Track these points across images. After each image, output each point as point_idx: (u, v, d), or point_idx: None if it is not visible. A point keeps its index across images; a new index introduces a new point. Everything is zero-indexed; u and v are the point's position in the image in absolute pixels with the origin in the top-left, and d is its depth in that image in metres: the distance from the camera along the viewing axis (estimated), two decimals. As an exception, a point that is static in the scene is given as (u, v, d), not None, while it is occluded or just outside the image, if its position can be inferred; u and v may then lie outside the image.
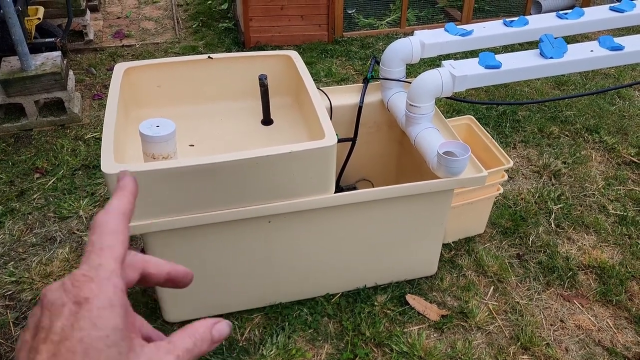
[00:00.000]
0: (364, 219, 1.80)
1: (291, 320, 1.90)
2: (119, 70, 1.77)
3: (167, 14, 4.41)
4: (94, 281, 0.35)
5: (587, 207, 2.44)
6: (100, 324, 0.33)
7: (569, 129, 2.97)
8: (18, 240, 2.24)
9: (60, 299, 0.34)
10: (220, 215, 1.55)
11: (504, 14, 4.15)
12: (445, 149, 1.69)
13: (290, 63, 1.90)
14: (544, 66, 1.84)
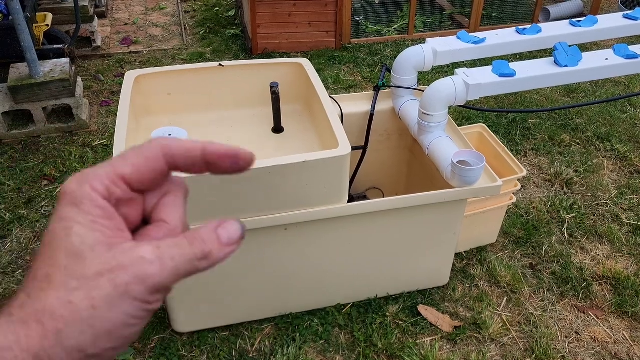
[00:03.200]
0: (377, 229, 1.78)
1: (302, 331, 1.87)
2: (129, 78, 1.76)
3: (175, 20, 4.41)
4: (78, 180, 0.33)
5: (600, 216, 2.41)
6: (67, 216, 0.32)
7: (580, 137, 2.95)
8: (26, 249, 2.22)
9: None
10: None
11: (512, 21, 4.13)
12: (460, 158, 1.66)
13: (301, 70, 1.89)
14: (558, 74, 1.82)
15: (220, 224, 0.35)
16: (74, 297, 0.30)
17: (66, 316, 0.30)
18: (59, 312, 0.30)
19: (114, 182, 0.33)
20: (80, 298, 0.30)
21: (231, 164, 0.36)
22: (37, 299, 0.30)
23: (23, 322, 0.30)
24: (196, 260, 0.34)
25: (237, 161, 0.36)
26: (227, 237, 0.35)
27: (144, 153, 0.35)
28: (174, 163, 0.35)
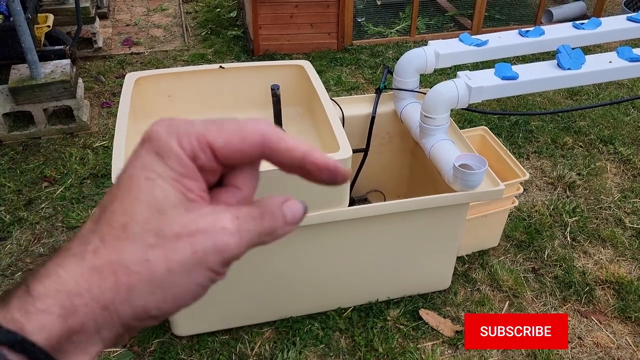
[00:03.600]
0: (378, 232, 1.77)
1: (302, 334, 1.86)
2: (129, 80, 1.75)
3: (176, 21, 4.41)
4: (167, 126, 0.32)
5: (603, 220, 2.40)
6: (150, 165, 0.31)
7: (583, 139, 2.93)
8: (26, 251, 2.21)
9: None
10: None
11: (515, 23, 4.12)
12: (462, 162, 1.65)
13: (302, 73, 1.87)
14: (561, 77, 1.80)
15: (286, 201, 0.34)
16: (152, 256, 0.29)
17: (141, 274, 0.29)
18: (134, 268, 0.29)
19: (202, 148, 0.32)
20: (157, 257, 0.29)
21: (329, 176, 0.34)
22: (112, 248, 0.29)
23: (97, 270, 0.29)
24: (263, 235, 0.33)
25: (335, 176, 0.34)
26: (291, 215, 0.34)
27: (244, 133, 0.32)
28: (268, 155, 0.33)
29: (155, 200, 0.30)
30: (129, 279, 0.29)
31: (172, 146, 0.31)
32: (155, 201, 0.30)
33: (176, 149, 0.31)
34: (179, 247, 0.30)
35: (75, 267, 0.29)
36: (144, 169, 0.31)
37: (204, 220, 0.31)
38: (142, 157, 0.31)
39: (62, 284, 0.28)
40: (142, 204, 0.30)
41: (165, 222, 0.30)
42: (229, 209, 0.32)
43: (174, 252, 0.30)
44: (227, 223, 0.31)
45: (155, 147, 0.31)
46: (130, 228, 0.30)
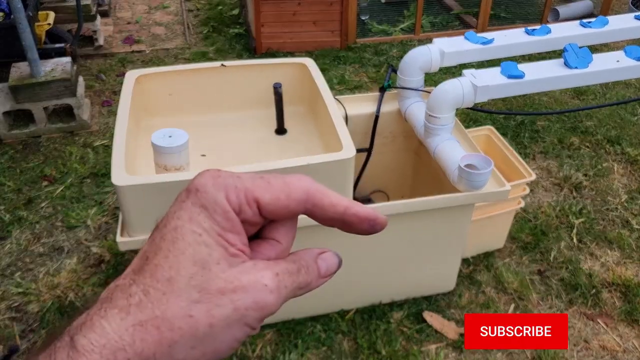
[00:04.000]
0: (381, 233, 1.72)
1: (304, 337, 1.84)
2: (130, 78, 1.72)
3: (178, 19, 4.38)
4: (214, 180, 0.32)
5: (609, 221, 2.36)
6: (196, 219, 0.31)
7: (590, 140, 2.89)
8: (25, 250, 2.19)
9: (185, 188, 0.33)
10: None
11: (521, 21, 4.08)
12: (467, 162, 1.62)
13: (305, 71, 1.85)
14: (568, 76, 1.77)
15: (321, 254, 0.35)
16: (195, 312, 0.30)
17: (184, 329, 0.30)
18: (178, 324, 0.30)
19: (249, 203, 0.32)
20: (200, 313, 0.30)
21: (369, 226, 0.35)
22: (157, 302, 0.30)
23: (141, 325, 0.29)
24: (298, 289, 0.34)
25: (374, 225, 0.35)
26: (326, 268, 0.35)
27: (289, 190, 0.33)
28: (311, 210, 0.34)
29: (201, 255, 0.31)
30: (172, 334, 0.29)
31: (219, 200, 0.31)
32: (201, 256, 0.31)
33: (223, 203, 0.31)
34: (221, 303, 0.30)
35: (120, 321, 0.29)
36: (191, 222, 0.31)
37: (246, 277, 0.31)
38: (188, 210, 0.31)
39: (108, 338, 0.29)
40: (187, 259, 0.30)
41: (209, 277, 0.30)
42: (269, 266, 0.33)
43: (217, 308, 0.30)
44: (268, 280, 0.32)
45: (202, 199, 0.31)
46: (176, 283, 0.30)
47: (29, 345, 1.84)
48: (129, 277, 0.31)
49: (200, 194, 0.31)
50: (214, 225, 0.31)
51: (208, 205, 0.31)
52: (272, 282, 0.32)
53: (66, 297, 1.98)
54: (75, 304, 1.96)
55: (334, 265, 0.36)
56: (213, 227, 0.31)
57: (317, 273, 0.35)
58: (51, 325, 1.88)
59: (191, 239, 0.31)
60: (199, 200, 0.31)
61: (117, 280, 0.31)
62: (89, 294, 2.00)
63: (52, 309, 1.94)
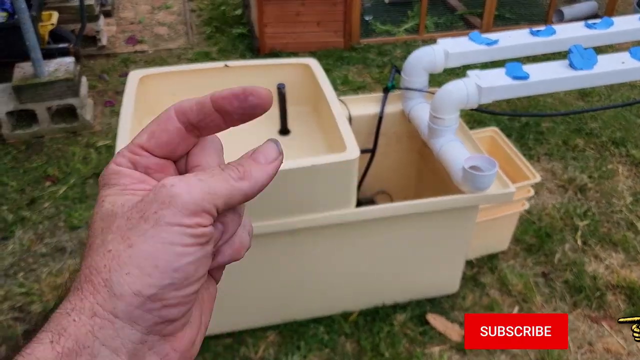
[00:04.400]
0: (385, 234, 1.73)
1: (307, 339, 1.83)
2: (133, 78, 1.72)
3: (181, 19, 4.38)
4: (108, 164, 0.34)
5: (614, 223, 2.35)
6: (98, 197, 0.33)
7: (595, 141, 2.88)
8: (28, 250, 2.19)
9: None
10: (236, 230, 1.49)
11: (525, 22, 4.06)
12: (471, 163, 1.61)
13: (308, 71, 1.84)
14: (573, 78, 1.76)
15: (254, 150, 0.34)
16: (111, 245, 0.29)
17: (109, 264, 0.29)
18: (101, 263, 0.29)
19: (135, 152, 0.33)
20: (116, 243, 0.29)
21: (240, 102, 0.33)
22: (83, 266, 0.30)
23: (75, 290, 0.30)
24: (232, 180, 0.31)
25: (246, 97, 0.33)
26: (264, 157, 0.33)
27: (158, 118, 0.34)
28: (187, 120, 0.33)
29: (105, 210, 0.31)
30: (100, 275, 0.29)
31: (110, 170, 0.33)
32: (106, 211, 0.31)
33: (114, 169, 0.33)
34: (131, 224, 0.30)
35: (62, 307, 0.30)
36: (97, 201, 0.33)
37: (150, 194, 0.30)
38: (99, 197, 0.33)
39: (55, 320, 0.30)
40: (96, 222, 0.31)
41: (117, 217, 0.31)
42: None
43: (129, 230, 0.30)
44: (168, 180, 0.30)
45: (101, 182, 0.33)
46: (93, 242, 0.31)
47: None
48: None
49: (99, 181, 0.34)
50: (114, 188, 0.32)
51: (105, 180, 0.33)
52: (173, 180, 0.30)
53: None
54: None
55: (272, 151, 0.34)
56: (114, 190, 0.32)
57: (255, 163, 0.33)
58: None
59: (97, 208, 0.32)
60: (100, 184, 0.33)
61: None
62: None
63: (55, 309, 1.93)
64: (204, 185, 0.30)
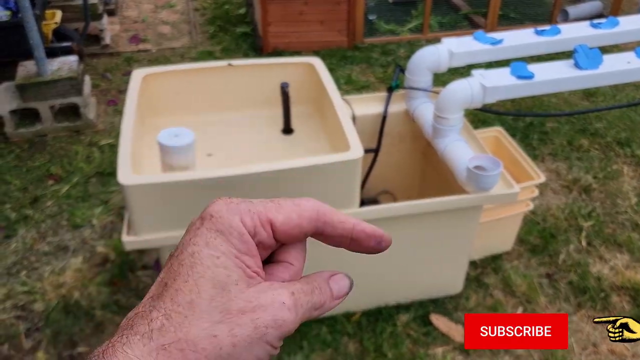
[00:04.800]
0: (388, 234, 1.72)
1: (310, 338, 1.82)
2: (136, 77, 1.71)
3: (184, 18, 4.38)
4: (229, 206, 0.33)
5: (619, 224, 2.34)
6: (213, 243, 0.32)
7: (599, 142, 2.86)
8: (31, 249, 2.19)
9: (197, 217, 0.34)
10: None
11: (530, 22, 4.05)
12: (476, 163, 1.60)
13: (312, 70, 1.83)
14: (578, 78, 1.75)
15: (332, 276, 0.37)
16: (218, 331, 0.31)
17: (208, 350, 0.30)
18: (201, 345, 0.30)
19: (263, 225, 0.33)
20: (224, 333, 0.31)
21: (375, 244, 0.37)
22: (179, 326, 0.30)
23: (164, 349, 0.30)
24: (313, 310, 0.35)
25: (380, 242, 0.37)
26: (337, 290, 0.36)
27: (300, 210, 0.35)
28: (321, 230, 0.35)
29: (220, 277, 0.31)
30: (196, 356, 0.30)
31: (234, 223, 0.32)
32: (220, 278, 0.31)
33: (239, 226, 0.32)
34: (242, 323, 0.31)
35: (142, 347, 0.29)
36: (208, 247, 0.32)
37: (264, 296, 0.32)
38: (204, 235, 0.32)
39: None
40: (207, 282, 0.31)
41: (229, 298, 0.31)
42: (284, 285, 0.34)
43: (238, 328, 0.31)
44: (285, 298, 0.33)
45: (217, 224, 0.32)
46: (197, 305, 0.31)
47: (34, 344, 1.84)
48: (147, 304, 0.31)
49: (214, 219, 0.32)
50: (231, 248, 0.32)
51: (224, 229, 0.32)
52: (289, 300, 0.33)
53: (71, 296, 1.98)
54: (81, 303, 1.95)
55: (345, 287, 0.37)
56: (230, 250, 0.32)
57: (330, 294, 0.36)
58: (56, 324, 1.88)
59: (209, 262, 0.31)
60: (214, 226, 0.32)
61: (136, 309, 0.31)
62: (94, 293, 1.99)
63: (57, 308, 1.94)
64: (302, 314, 0.33)
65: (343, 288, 0.37)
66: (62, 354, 1.81)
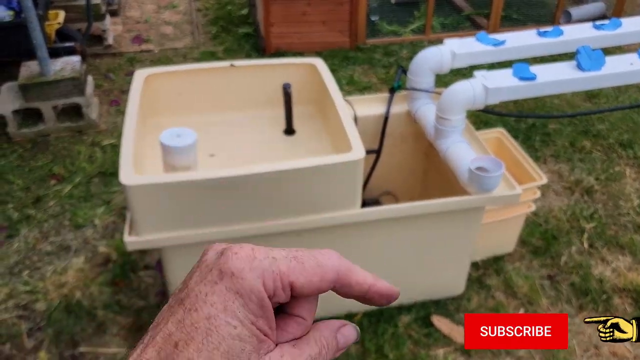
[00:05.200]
0: (390, 235, 1.72)
1: (311, 339, 1.82)
2: (138, 77, 1.72)
3: (187, 18, 4.38)
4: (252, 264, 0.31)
5: (621, 226, 2.33)
6: (231, 307, 0.30)
7: (602, 143, 2.86)
8: (33, 249, 2.19)
9: (213, 261, 0.32)
10: (240, 230, 1.49)
11: (533, 23, 4.04)
12: (478, 165, 1.60)
13: (314, 71, 1.83)
14: (581, 79, 1.75)
15: (341, 328, 0.36)
16: None
17: None
18: None
19: (284, 287, 0.32)
20: None
21: (386, 302, 0.37)
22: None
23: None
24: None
25: (390, 300, 0.37)
26: (344, 342, 0.36)
27: (323, 273, 0.34)
28: (339, 288, 0.35)
29: (234, 351, 0.30)
30: None
31: (255, 287, 0.31)
32: (234, 352, 0.30)
33: (260, 291, 0.31)
34: None
35: None
36: (226, 312, 0.30)
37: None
38: (222, 295, 0.30)
39: None
40: (221, 355, 0.30)
41: None
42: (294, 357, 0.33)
43: None
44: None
45: (238, 285, 0.31)
46: None
47: (36, 344, 1.84)
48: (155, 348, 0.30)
49: (235, 279, 0.31)
50: (248, 314, 0.31)
51: (244, 292, 0.31)
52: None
53: (73, 296, 1.98)
54: (82, 303, 1.96)
55: (351, 339, 0.36)
56: (247, 316, 0.31)
57: (336, 347, 0.35)
58: (58, 324, 1.88)
59: (226, 332, 0.30)
60: (234, 286, 0.31)
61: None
62: (95, 293, 1.99)
63: (59, 308, 1.94)
64: None
65: (349, 340, 0.36)
66: (64, 354, 1.81)
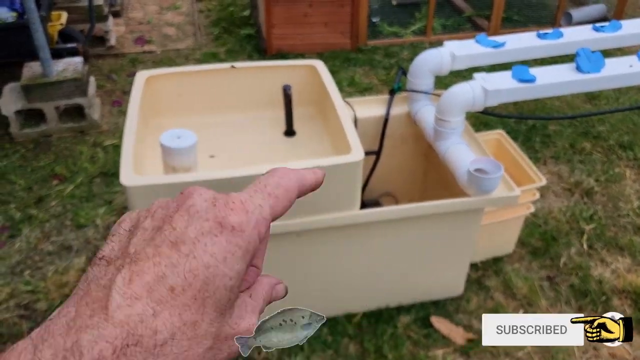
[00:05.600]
0: (389, 236, 1.73)
1: (310, 340, 1.81)
2: (140, 78, 1.73)
3: (189, 20, 4.40)
4: (248, 216, 0.31)
5: (621, 227, 2.34)
6: (230, 260, 0.30)
7: (602, 145, 2.86)
8: (35, 248, 2.20)
9: (206, 211, 0.30)
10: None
11: (534, 25, 4.05)
12: (477, 166, 1.61)
13: (314, 73, 1.84)
14: (580, 81, 1.75)
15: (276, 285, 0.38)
16: (207, 357, 0.31)
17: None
18: None
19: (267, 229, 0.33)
20: (207, 359, 0.31)
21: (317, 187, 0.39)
22: (182, 350, 0.30)
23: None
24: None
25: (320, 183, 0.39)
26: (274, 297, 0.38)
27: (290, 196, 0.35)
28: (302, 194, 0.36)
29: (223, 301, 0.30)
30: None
31: (253, 240, 0.31)
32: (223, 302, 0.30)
33: (256, 243, 0.32)
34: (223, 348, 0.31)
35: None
36: (225, 264, 0.30)
37: (243, 324, 0.32)
38: (222, 247, 0.30)
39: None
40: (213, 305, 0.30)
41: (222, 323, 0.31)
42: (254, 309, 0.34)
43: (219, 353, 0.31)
44: (254, 326, 0.33)
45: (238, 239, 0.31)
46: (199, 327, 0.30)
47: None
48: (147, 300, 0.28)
49: (236, 232, 0.30)
50: (244, 266, 0.31)
51: (243, 245, 0.31)
52: (254, 327, 0.33)
53: (74, 296, 1.99)
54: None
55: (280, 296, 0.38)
56: (243, 269, 0.31)
57: (269, 301, 0.37)
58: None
59: (221, 283, 0.30)
60: (234, 239, 0.30)
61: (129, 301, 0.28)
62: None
63: (60, 308, 1.95)
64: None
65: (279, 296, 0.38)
66: (65, 353, 1.82)
